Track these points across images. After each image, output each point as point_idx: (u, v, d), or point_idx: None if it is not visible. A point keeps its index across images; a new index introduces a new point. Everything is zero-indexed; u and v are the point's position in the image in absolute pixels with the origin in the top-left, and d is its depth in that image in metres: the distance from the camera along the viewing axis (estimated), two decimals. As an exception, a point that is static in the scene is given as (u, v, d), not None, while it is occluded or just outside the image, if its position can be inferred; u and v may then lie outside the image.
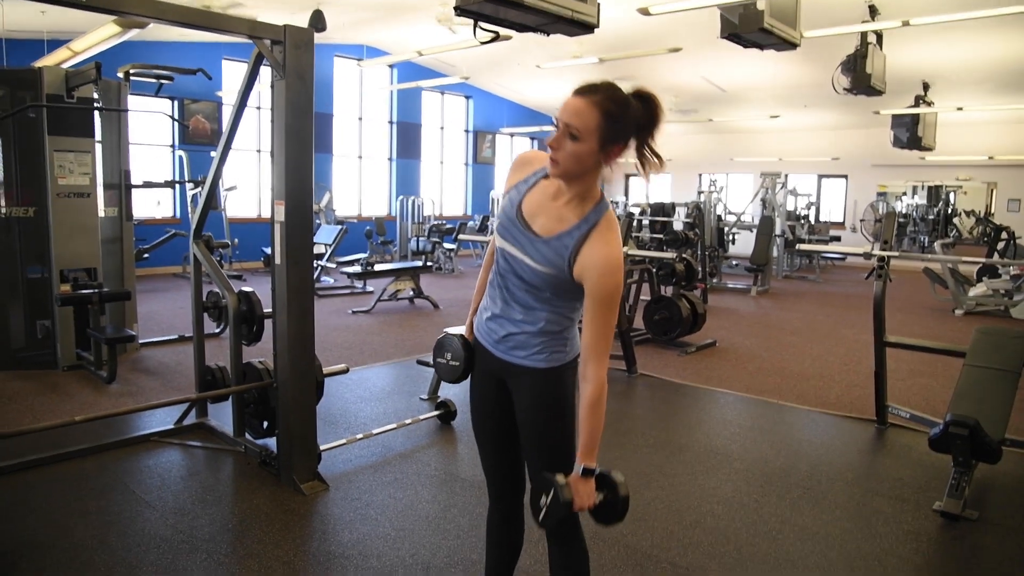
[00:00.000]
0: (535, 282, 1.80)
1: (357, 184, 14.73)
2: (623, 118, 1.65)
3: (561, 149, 1.66)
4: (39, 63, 5.98)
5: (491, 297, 1.94)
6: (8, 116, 5.17)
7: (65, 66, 5.98)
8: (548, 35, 4.30)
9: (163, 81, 6.68)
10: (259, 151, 12.75)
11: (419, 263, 10.29)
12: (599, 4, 4.16)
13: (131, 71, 6.23)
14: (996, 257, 11.23)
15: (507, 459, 2.04)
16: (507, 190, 1.89)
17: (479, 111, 16.74)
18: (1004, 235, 11.87)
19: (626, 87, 1.70)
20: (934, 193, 15.74)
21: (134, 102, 6.58)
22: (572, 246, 1.72)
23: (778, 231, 12.51)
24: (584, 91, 1.65)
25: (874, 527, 3.21)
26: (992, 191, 15.11)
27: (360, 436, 4.09)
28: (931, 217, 15.54)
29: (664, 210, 12.73)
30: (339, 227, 11.10)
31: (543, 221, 1.78)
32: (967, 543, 3.11)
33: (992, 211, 14.97)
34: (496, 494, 2.09)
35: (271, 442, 3.71)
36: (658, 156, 1.72)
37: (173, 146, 11.58)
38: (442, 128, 16.27)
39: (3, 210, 5.40)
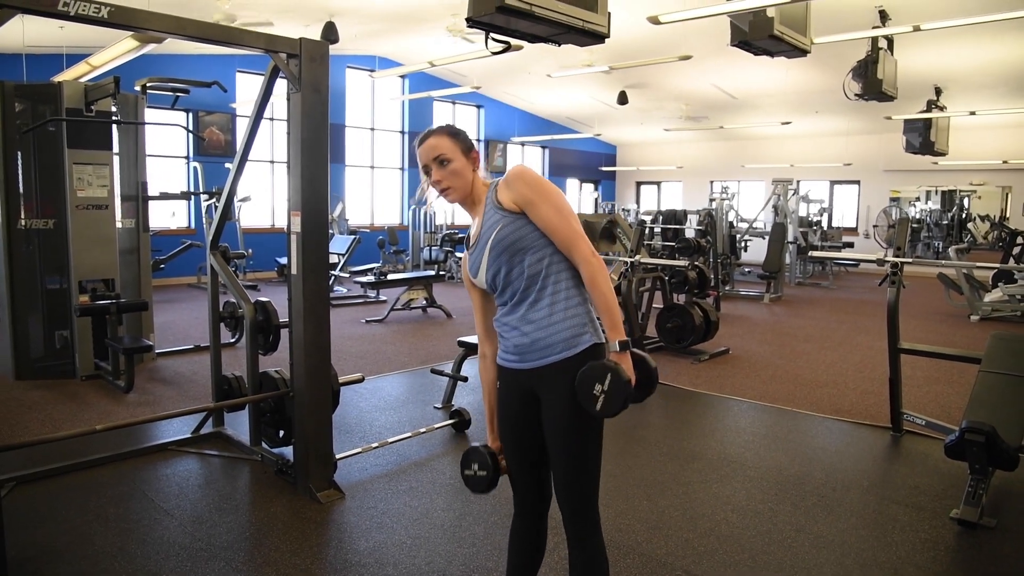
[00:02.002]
0: (508, 247, 1.93)
1: (369, 194, 14.82)
2: (460, 133, 2.04)
3: (444, 178, 1.98)
4: (58, 78, 6.08)
5: (509, 325, 2.00)
6: (29, 130, 5.25)
7: (83, 80, 6.08)
8: (559, 45, 4.33)
9: (179, 94, 6.75)
10: (272, 162, 12.85)
11: (431, 272, 10.33)
12: (609, 14, 4.19)
13: (148, 84, 6.30)
14: (1012, 262, 11.14)
15: (535, 472, 2.07)
16: (466, 276, 2.13)
17: (490, 120, 16.82)
18: (1020, 240, 11.76)
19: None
20: (948, 198, 15.64)
21: (150, 115, 6.66)
22: (493, 205, 1.97)
23: (790, 238, 12.47)
24: (424, 137, 2.02)
25: (890, 535, 3.20)
26: (1007, 195, 15.00)
27: (375, 445, 4.12)
28: (945, 222, 15.44)
29: (676, 218, 12.72)
30: (352, 237, 11.16)
31: (475, 230, 2.05)
32: (985, 551, 3.09)
33: (1007, 215, 14.85)
34: (522, 505, 2.12)
35: (287, 451, 3.74)
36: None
37: (188, 158, 11.70)
38: (454, 137, 16.32)
39: (23, 222, 5.48)
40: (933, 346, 4.87)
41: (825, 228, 15.06)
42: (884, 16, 7.63)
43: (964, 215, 15.40)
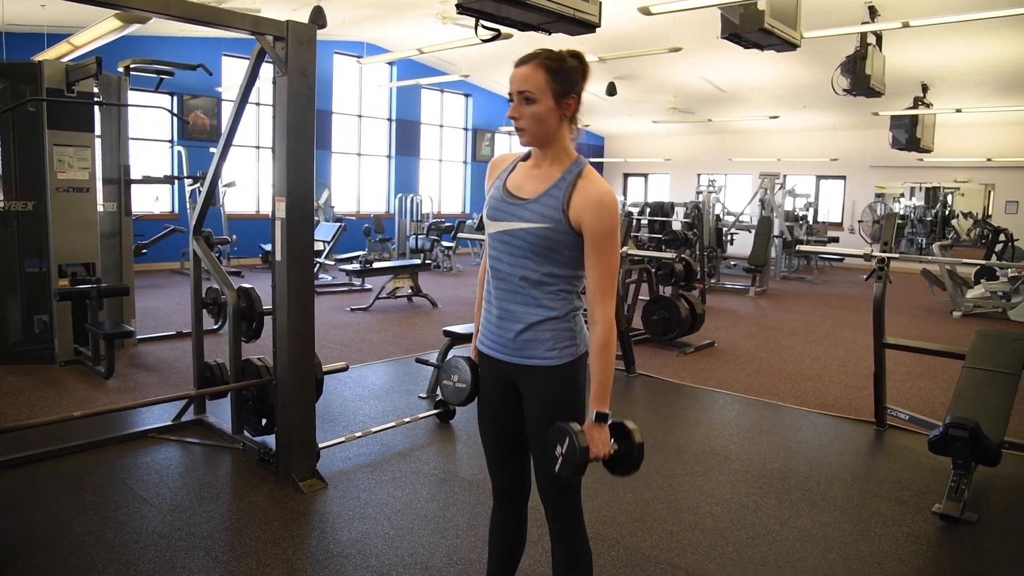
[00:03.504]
0: (532, 247, 1.81)
1: (356, 181, 14.72)
2: (565, 71, 1.76)
3: (522, 117, 1.77)
4: (39, 57, 5.95)
5: (490, 301, 1.94)
6: (8, 110, 5.15)
7: (65, 60, 5.96)
8: (550, 34, 4.29)
9: (163, 76, 6.65)
10: (258, 147, 12.72)
11: (417, 261, 10.29)
12: (601, 3, 4.15)
13: (131, 66, 6.20)
14: (994, 259, 11.25)
15: (513, 461, 2.04)
16: (489, 188, 1.97)
17: (478, 109, 16.73)
18: (1002, 237, 11.88)
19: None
20: (932, 195, 15.76)
21: (134, 97, 6.56)
22: (562, 196, 1.78)
23: (776, 232, 12.52)
24: (524, 59, 1.77)
25: (873, 529, 3.21)
26: (990, 192, 15.13)
27: (359, 434, 4.09)
28: (929, 219, 15.55)
29: (663, 210, 12.73)
30: (338, 224, 11.09)
31: (530, 186, 1.85)
32: (966, 546, 3.11)
33: (990, 213, 14.99)
34: (501, 495, 2.09)
35: (270, 439, 3.71)
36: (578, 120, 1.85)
37: (172, 141, 11.56)
38: (441, 126, 16.26)
39: (2, 204, 5.38)
40: (918, 341, 4.90)
41: (811, 223, 15.13)
42: (873, 12, 7.65)
43: (948, 212, 15.52)
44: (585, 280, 1.83)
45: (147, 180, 7.59)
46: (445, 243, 12.76)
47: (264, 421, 3.80)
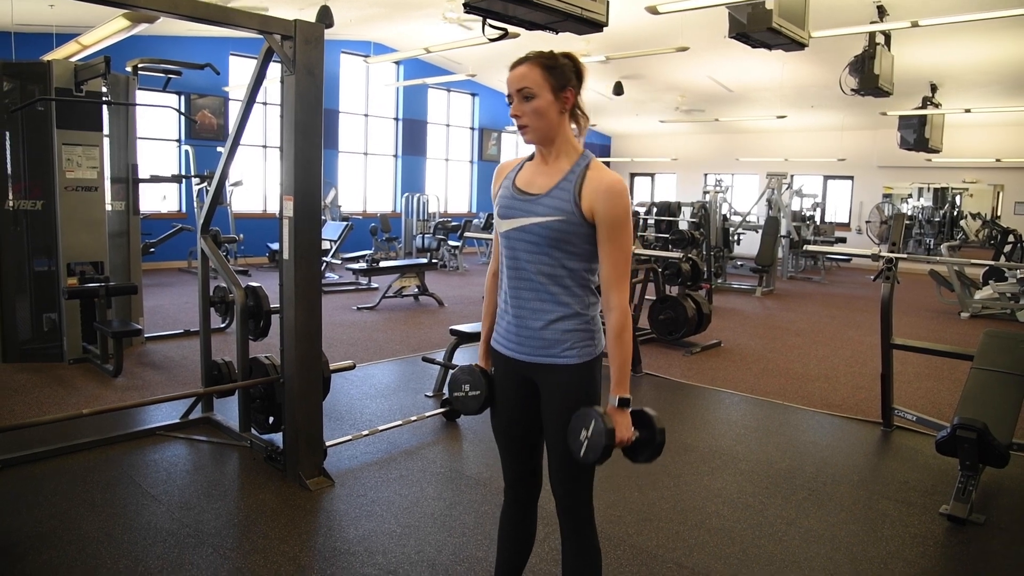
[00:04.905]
0: (546, 240, 1.83)
1: (363, 181, 14.74)
2: (559, 67, 1.82)
3: (524, 114, 1.82)
4: (48, 56, 5.98)
5: (506, 301, 1.95)
6: (18, 109, 5.18)
7: (74, 60, 5.99)
8: (557, 33, 4.29)
9: (171, 76, 6.67)
10: (265, 147, 12.76)
11: (424, 260, 10.29)
12: (608, 2, 4.15)
13: (139, 65, 6.22)
14: (1003, 260, 11.20)
15: (526, 458, 2.05)
16: (496, 191, 2.00)
17: (485, 108, 16.74)
18: (1011, 238, 11.83)
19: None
20: (940, 195, 15.69)
21: (142, 96, 6.58)
22: (573, 188, 1.81)
23: (783, 232, 12.48)
24: (518, 61, 1.85)
25: (880, 530, 3.20)
26: (999, 193, 15.05)
27: (366, 432, 4.10)
28: (937, 219, 15.49)
29: (670, 210, 12.71)
30: (344, 223, 11.11)
31: (540, 182, 1.88)
32: (973, 547, 3.10)
33: (999, 214, 14.91)
34: (513, 492, 2.10)
35: (277, 437, 3.72)
36: (585, 113, 1.90)
37: (179, 141, 11.59)
38: (448, 125, 16.27)
39: (11, 203, 5.41)
40: (925, 342, 4.88)
41: (818, 223, 15.08)
42: (882, 11, 7.61)
43: (956, 213, 15.46)
44: (599, 270, 1.85)
45: (155, 179, 7.61)
46: (452, 242, 12.76)
47: (271, 419, 3.81)
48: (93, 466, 3.59)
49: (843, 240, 15.19)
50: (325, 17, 9.17)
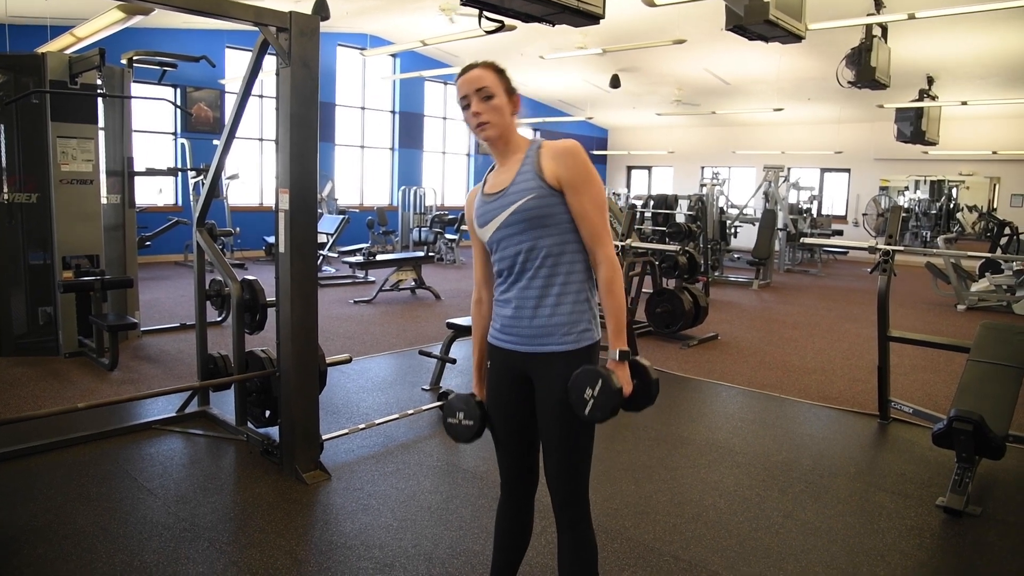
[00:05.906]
0: (528, 223, 1.87)
1: (359, 174, 14.71)
2: (505, 73, 1.96)
3: (484, 111, 1.90)
4: (42, 49, 5.94)
5: (502, 293, 1.96)
6: (12, 102, 5.15)
7: (68, 52, 5.95)
8: (553, 25, 4.26)
9: (166, 68, 6.64)
10: (261, 140, 12.72)
11: (421, 253, 10.28)
12: (605, -6, 4.12)
13: (134, 58, 6.19)
14: (999, 252, 11.21)
15: (523, 452, 2.05)
16: (471, 215, 2.04)
17: (482, 101, 16.66)
18: (1007, 231, 11.84)
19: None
20: (937, 188, 15.70)
21: (137, 89, 6.55)
22: (533, 166, 1.89)
23: (780, 225, 12.48)
24: (468, 68, 1.95)
25: (876, 522, 3.21)
26: (995, 185, 15.07)
27: (362, 426, 4.09)
28: (933, 212, 15.50)
29: (667, 203, 12.71)
30: (341, 217, 11.08)
31: (503, 179, 1.95)
32: (969, 539, 3.11)
33: (995, 206, 14.93)
34: (509, 486, 2.10)
35: (273, 431, 3.71)
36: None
37: (175, 134, 11.55)
38: (444, 118, 16.23)
39: (6, 196, 5.39)
40: (922, 335, 4.89)
41: (815, 215, 15.08)
42: (879, 3, 7.58)
43: (952, 205, 15.47)
44: (580, 233, 1.89)
45: (151, 172, 7.59)
46: (448, 236, 12.75)
47: (268, 413, 3.81)
48: (89, 460, 3.58)
49: (840, 233, 15.19)
50: (321, 9, 9.12)
